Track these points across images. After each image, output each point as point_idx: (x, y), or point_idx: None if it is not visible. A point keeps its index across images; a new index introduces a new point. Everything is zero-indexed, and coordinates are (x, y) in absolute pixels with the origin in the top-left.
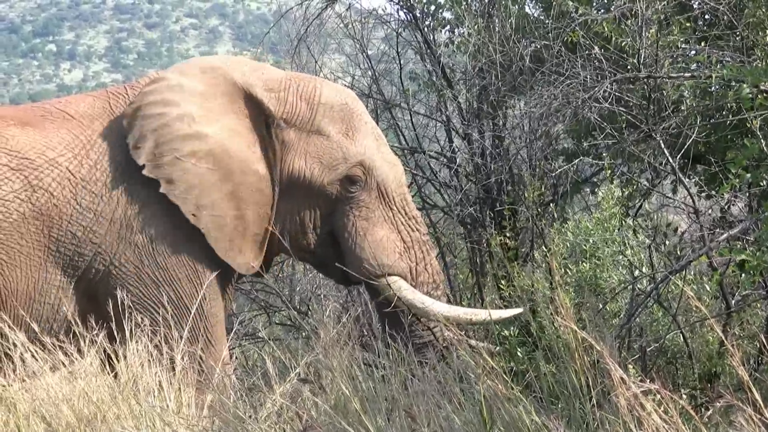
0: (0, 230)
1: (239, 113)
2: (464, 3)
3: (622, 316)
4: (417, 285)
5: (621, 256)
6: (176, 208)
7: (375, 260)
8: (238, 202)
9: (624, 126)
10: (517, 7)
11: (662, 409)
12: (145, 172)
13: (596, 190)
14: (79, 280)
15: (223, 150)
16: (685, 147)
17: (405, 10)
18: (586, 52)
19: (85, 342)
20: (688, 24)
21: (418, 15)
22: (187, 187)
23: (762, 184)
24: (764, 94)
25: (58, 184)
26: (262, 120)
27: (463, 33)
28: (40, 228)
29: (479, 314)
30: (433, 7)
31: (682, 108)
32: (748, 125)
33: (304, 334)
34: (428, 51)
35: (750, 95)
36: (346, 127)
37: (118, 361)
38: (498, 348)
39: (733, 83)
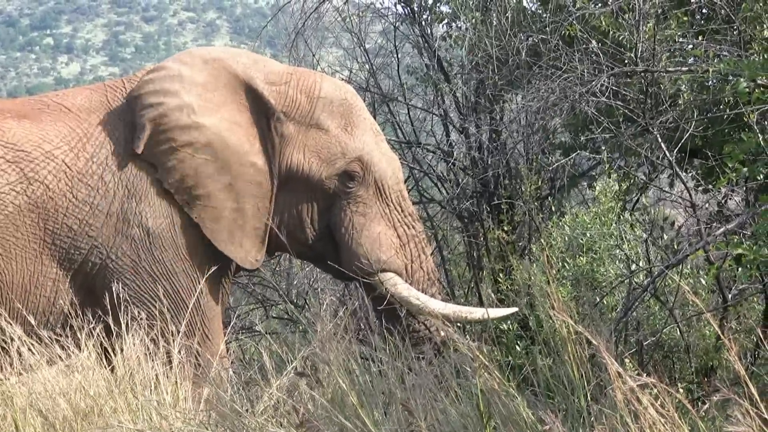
0: None
1: (240, 105)
2: None
3: (618, 310)
4: (412, 282)
5: (618, 250)
6: (173, 201)
7: (371, 256)
8: (236, 194)
9: (621, 120)
10: (514, 0)
11: (659, 403)
12: (143, 158)
13: (593, 184)
14: (76, 274)
15: (221, 142)
16: (682, 141)
17: (402, 4)
18: (584, 46)
19: (81, 335)
20: (685, 18)
21: (416, 9)
22: (182, 176)
23: (759, 178)
24: (761, 89)
25: (54, 176)
26: (263, 113)
27: (461, 27)
28: (36, 220)
29: (475, 312)
30: (430, 1)
31: (680, 102)
32: (745, 119)
33: (301, 327)
34: (425, 45)
35: (747, 89)
36: (345, 122)
37: (115, 354)
38: (483, 346)
39: (731, 77)
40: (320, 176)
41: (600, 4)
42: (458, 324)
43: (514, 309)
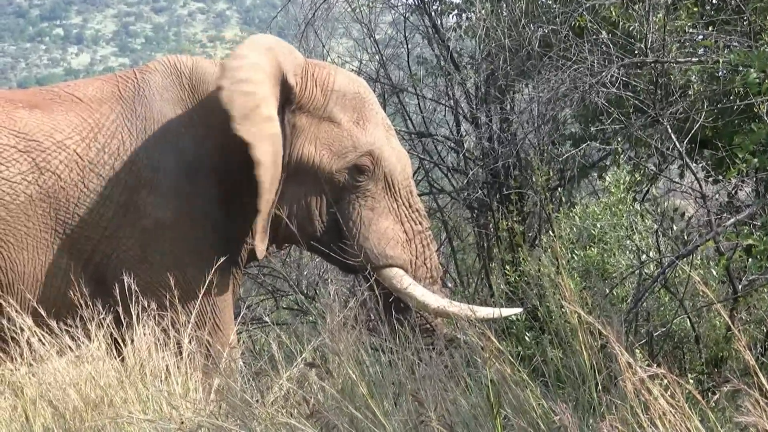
0: (7, 212)
1: (276, 97)
2: None
3: (629, 300)
4: (415, 278)
5: (628, 241)
6: (184, 192)
7: (377, 251)
8: (275, 187)
9: (631, 111)
10: None
11: (669, 393)
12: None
13: (603, 174)
14: (87, 264)
15: (277, 135)
16: (692, 132)
17: None
18: (594, 36)
19: (92, 326)
20: (695, 9)
21: None
22: (265, 168)
23: None
24: None
25: (66, 166)
26: (285, 104)
27: (471, 17)
28: (47, 210)
29: (479, 311)
30: None
31: (690, 93)
32: (756, 110)
33: (311, 318)
34: (436, 35)
35: (757, 80)
36: (357, 115)
37: (125, 345)
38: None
39: (741, 68)
40: (330, 169)
41: None
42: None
43: (519, 309)
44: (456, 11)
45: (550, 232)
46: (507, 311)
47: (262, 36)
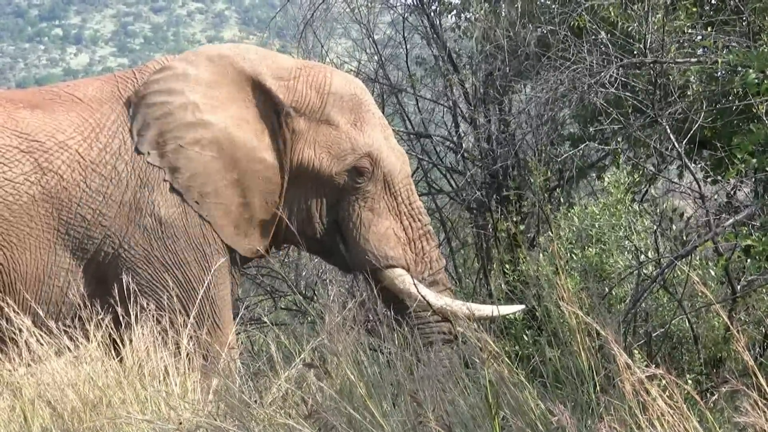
0: (10, 212)
1: (246, 102)
2: None
3: (627, 301)
4: (417, 276)
5: (627, 241)
6: None
7: (378, 252)
8: (244, 189)
9: (630, 111)
10: None
11: (667, 394)
12: (149, 160)
13: (602, 175)
14: (89, 263)
15: (227, 138)
16: (691, 132)
17: None
18: (593, 37)
19: (90, 326)
20: (694, 9)
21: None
22: (191, 175)
23: None
24: None
25: (68, 166)
26: (271, 109)
27: (470, 18)
28: (50, 210)
29: (482, 309)
30: None
31: (689, 93)
32: (755, 110)
33: (309, 318)
34: (434, 36)
35: (756, 80)
36: (354, 117)
37: (124, 345)
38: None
39: (740, 68)
40: (330, 172)
41: None
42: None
43: (521, 306)
44: (454, 12)
45: (549, 232)
46: (508, 309)
47: (209, 46)
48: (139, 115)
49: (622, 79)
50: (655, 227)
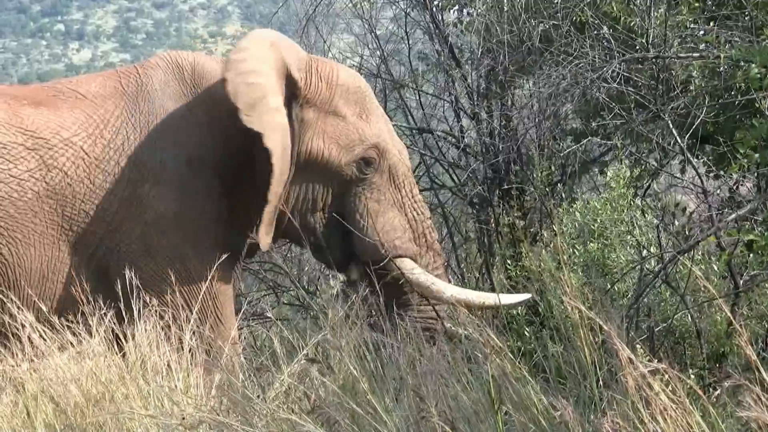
0: (15, 209)
1: (281, 90)
2: None
3: (630, 296)
4: (422, 267)
5: (629, 236)
6: (187, 185)
7: (386, 242)
8: (284, 179)
9: (632, 106)
10: None
11: (670, 389)
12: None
13: (604, 170)
14: (91, 259)
15: (285, 126)
16: (694, 127)
17: None
18: (595, 32)
19: (93, 321)
20: (696, 4)
21: None
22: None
23: None
24: None
25: (72, 163)
26: (290, 98)
27: (472, 13)
28: (54, 207)
29: (490, 298)
30: None
31: (691, 88)
32: (757, 105)
33: (312, 314)
34: (437, 31)
35: (758, 75)
36: (360, 109)
37: (126, 340)
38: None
39: (742, 63)
40: (339, 162)
41: None
42: (473, 310)
43: (528, 295)
44: (457, 7)
45: (551, 227)
46: (515, 297)
47: (264, 30)
48: (238, 93)
49: (625, 74)
50: (657, 222)
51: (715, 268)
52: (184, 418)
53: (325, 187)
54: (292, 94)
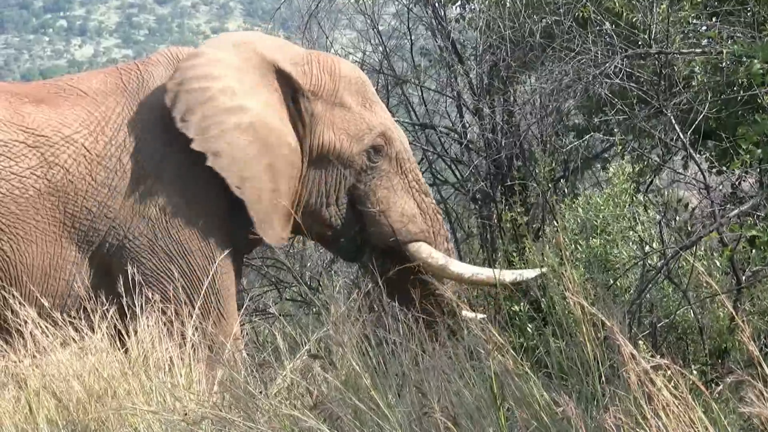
0: (17, 206)
1: (270, 87)
2: None
3: (632, 291)
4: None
5: (631, 232)
6: (190, 181)
7: (401, 227)
8: (274, 174)
9: (635, 102)
10: None
11: (672, 384)
12: (193, 145)
13: (607, 165)
14: (93, 255)
15: (262, 123)
16: (696, 123)
17: None
18: (597, 27)
19: (95, 317)
20: None
21: None
22: (232, 159)
23: None
24: None
25: (74, 160)
26: (290, 93)
27: (474, 9)
28: (56, 204)
29: (506, 275)
30: None
31: (693, 84)
32: (759, 101)
33: (314, 309)
34: (439, 27)
35: (761, 71)
36: (362, 99)
37: (129, 336)
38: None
39: (744, 59)
40: (351, 152)
41: None
42: (491, 288)
43: (538, 271)
44: (459, 3)
45: (554, 223)
46: (530, 272)
47: (230, 33)
48: (180, 100)
49: (627, 69)
50: (659, 218)
51: (718, 263)
52: (186, 414)
53: (338, 179)
54: (293, 88)
